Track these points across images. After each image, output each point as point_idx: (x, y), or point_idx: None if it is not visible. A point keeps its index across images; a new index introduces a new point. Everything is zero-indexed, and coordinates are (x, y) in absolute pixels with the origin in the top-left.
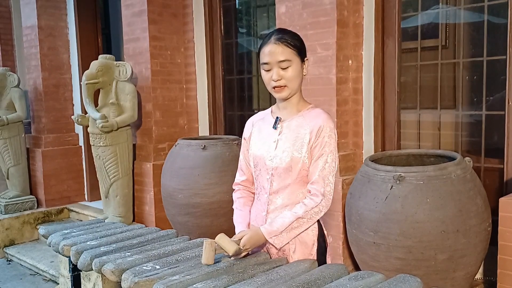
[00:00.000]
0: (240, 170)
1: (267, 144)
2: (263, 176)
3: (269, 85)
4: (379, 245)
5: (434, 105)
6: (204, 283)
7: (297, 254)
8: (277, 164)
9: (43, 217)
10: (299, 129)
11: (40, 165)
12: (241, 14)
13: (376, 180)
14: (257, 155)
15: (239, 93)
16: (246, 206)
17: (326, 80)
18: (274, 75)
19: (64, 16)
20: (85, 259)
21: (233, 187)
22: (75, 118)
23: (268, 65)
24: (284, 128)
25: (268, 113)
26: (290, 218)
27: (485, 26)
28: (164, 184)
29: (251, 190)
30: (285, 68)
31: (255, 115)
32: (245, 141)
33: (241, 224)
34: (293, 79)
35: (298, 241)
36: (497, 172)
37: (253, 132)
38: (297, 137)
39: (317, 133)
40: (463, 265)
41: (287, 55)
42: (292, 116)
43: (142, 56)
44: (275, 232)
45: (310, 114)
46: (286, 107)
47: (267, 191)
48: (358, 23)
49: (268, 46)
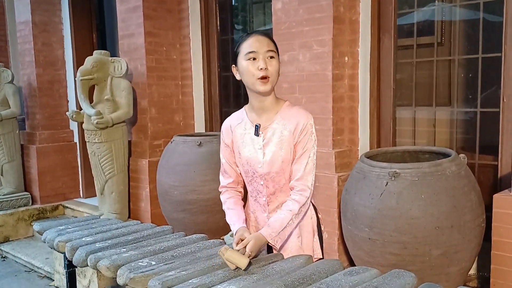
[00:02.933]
0: (223, 173)
1: (254, 151)
2: (257, 182)
3: (253, 77)
4: (374, 241)
5: (430, 102)
6: (199, 279)
7: (304, 245)
8: (269, 169)
9: (38, 214)
10: (282, 131)
11: (35, 162)
12: (237, 10)
13: (372, 177)
14: (246, 163)
15: (235, 89)
16: (237, 205)
17: (322, 76)
18: (261, 63)
19: (58, 11)
20: (80, 255)
21: (219, 190)
22: (70, 115)
23: (255, 53)
24: (267, 133)
25: (245, 116)
26: (287, 217)
27: (480, 23)
28: (159, 181)
29: (238, 189)
30: (271, 58)
31: (230, 118)
32: (226, 146)
33: (237, 222)
34: (276, 73)
35: (304, 231)
36: (492, 169)
37: (235, 138)
38: (281, 140)
39: (300, 131)
40: (457, 261)
41: (273, 46)
42: (271, 119)
43: (137, 52)
44: (275, 233)
45: (289, 113)
46: (264, 109)
47: (264, 195)
48: (354, 19)
49: (253, 37)
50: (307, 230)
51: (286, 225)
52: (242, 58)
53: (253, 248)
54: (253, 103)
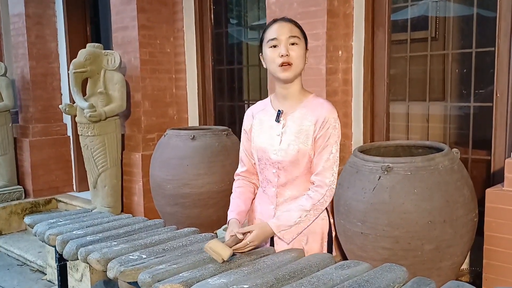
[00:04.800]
0: (240, 161)
1: (271, 138)
2: (269, 170)
3: (274, 63)
4: (367, 235)
5: (423, 97)
6: (190, 272)
7: (309, 245)
8: (283, 157)
9: (31, 208)
10: (302, 121)
11: (28, 155)
12: (232, 4)
13: (364, 171)
14: (260, 149)
15: (229, 83)
16: (242, 195)
17: (316, 70)
18: (282, 50)
19: (52, 4)
20: (70, 249)
21: (234, 177)
22: (63, 108)
23: (276, 40)
24: (288, 121)
25: (268, 104)
26: (297, 211)
27: (474, 18)
28: (153, 175)
29: (251, 181)
30: (293, 45)
31: (255, 105)
32: (245, 133)
33: (232, 212)
34: (299, 59)
35: (310, 232)
36: (485, 164)
37: (254, 125)
38: (301, 129)
39: (321, 124)
40: (450, 255)
41: (296, 32)
42: (294, 107)
43: (131, 45)
44: (283, 226)
45: (313, 104)
46: (287, 98)
47: (274, 185)
48: (348, 13)
49: (277, 24)
50: (313, 230)
51: (296, 220)
52: (265, 46)
53: (255, 238)
54: (277, 90)
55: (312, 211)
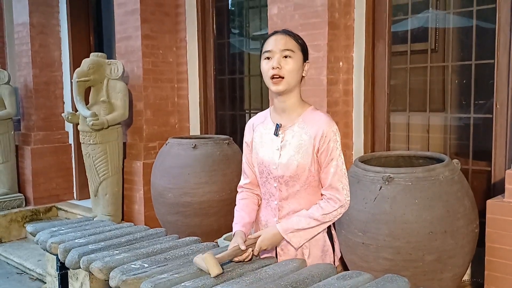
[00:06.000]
0: (243, 173)
1: (271, 151)
2: (270, 184)
3: (267, 76)
4: (368, 245)
5: (423, 108)
6: (192, 282)
7: (311, 259)
8: (283, 172)
9: (31, 215)
10: (301, 135)
11: (29, 163)
12: (234, 15)
13: (366, 181)
14: (261, 163)
15: (230, 93)
16: (246, 207)
17: (317, 81)
18: (274, 62)
19: (56, 13)
20: (73, 257)
21: (237, 189)
22: (65, 116)
23: (270, 52)
24: (287, 135)
25: (268, 116)
26: (306, 218)
27: (473, 30)
28: (154, 183)
29: (255, 192)
30: (286, 58)
31: (255, 117)
32: (246, 145)
33: (237, 225)
34: (292, 72)
35: (312, 245)
36: (485, 175)
37: (255, 138)
38: (300, 144)
39: (321, 139)
40: (451, 266)
41: (291, 45)
42: (292, 121)
43: (134, 54)
44: (291, 229)
45: (311, 117)
46: (285, 111)
47: (276, 198)
48: (349, 25)
49: (273, 36)
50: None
51: (304, 226)
52: (262, 57)
53: (263, 243)
54: (275, 103)
55: (321, 221)
